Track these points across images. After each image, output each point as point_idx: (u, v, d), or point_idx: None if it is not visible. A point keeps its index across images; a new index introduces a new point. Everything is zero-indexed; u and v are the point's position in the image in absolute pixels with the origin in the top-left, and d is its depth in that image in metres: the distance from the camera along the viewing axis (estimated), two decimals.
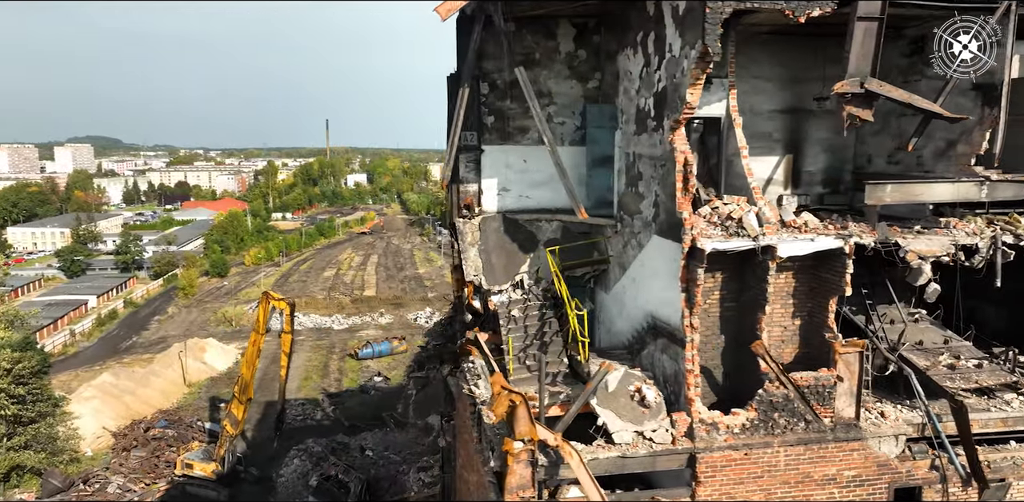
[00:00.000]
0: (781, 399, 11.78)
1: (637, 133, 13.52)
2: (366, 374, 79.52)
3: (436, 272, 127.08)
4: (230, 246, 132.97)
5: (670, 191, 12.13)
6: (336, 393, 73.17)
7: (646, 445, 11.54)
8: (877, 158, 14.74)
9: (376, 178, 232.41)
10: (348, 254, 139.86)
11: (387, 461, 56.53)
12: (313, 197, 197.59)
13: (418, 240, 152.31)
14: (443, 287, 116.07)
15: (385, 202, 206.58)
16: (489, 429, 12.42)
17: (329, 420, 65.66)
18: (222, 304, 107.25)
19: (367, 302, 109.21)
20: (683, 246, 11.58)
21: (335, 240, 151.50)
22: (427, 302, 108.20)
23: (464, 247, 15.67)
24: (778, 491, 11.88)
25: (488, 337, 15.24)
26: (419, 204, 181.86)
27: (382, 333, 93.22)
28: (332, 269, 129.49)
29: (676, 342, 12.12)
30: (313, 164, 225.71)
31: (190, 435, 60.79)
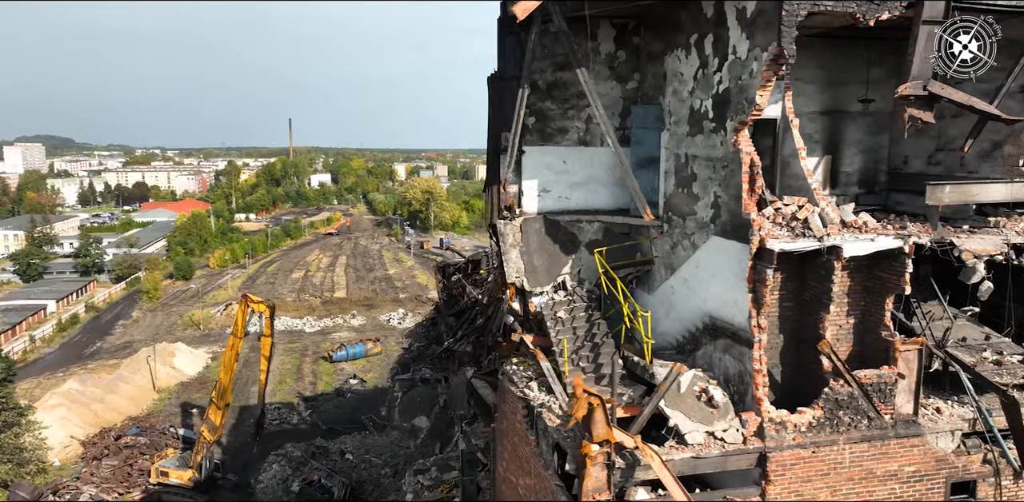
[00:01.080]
0: (846, 397, 11.94)
1: (691, 134, 13.58)
2: (341, 377, 78.74)
3: (406, 273, 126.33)
4: (194, 248, 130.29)
5: (734, 192, 12.21)
6: (312, 396, 72.29)
7: (718, 445, 11.59)
8: (915, 159, 15.06)
9: (341, 178, 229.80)
10: (316, 255, 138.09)
11: (368, 464, 56.05)
12: (277, 198, 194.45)
13: (386, 241, 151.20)
14: (414, 288, 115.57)
15: (351, 202, 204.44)
16: (555, 432, 12.34)
17: (306, 424, 64.92)
18: (188, 307, 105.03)
19: (338, 304, 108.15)
20: (751, 247, 11.66)
21: (302, 241, 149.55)
22: (399, 303, 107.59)
23: (506, 249, 15.54)
24: (843, 488, 12.05)
25: (533, 339, 15.14)
26: (385, 204, 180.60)
27: (355, 335, 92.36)
28: (300, 271, 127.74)
29: (741, 342, 12.20)
30: (276, 164, 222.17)
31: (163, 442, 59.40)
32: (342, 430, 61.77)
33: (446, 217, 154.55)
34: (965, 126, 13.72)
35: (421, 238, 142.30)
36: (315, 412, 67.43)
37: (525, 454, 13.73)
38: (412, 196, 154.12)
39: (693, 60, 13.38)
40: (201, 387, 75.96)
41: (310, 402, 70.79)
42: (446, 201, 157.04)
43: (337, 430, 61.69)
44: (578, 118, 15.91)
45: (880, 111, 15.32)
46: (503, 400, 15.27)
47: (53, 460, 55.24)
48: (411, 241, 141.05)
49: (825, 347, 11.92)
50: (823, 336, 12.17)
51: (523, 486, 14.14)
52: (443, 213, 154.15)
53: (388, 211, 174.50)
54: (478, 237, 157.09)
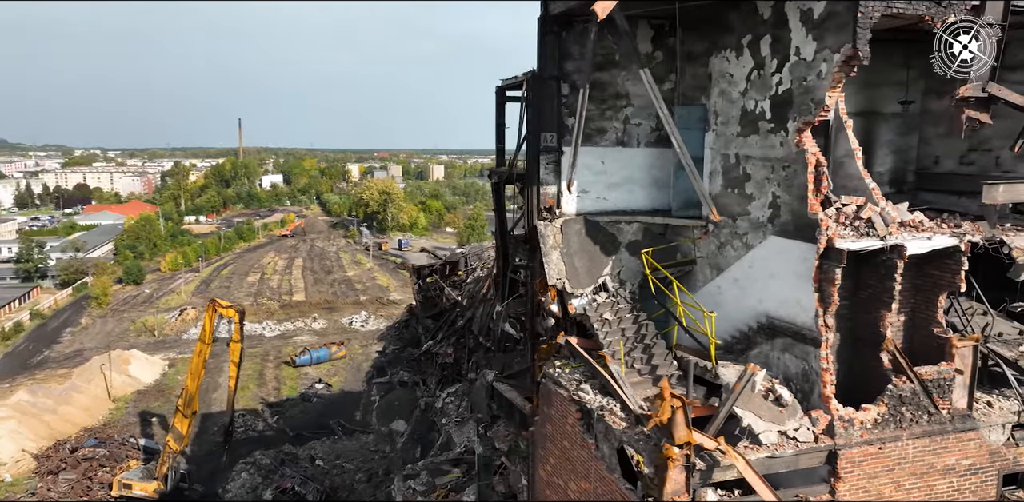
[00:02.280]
0: (909, 393, 12.15)
1: (743, 135, 13.63)
2: (306, 381, 77.27)
3: (366, 275, 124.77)
4: (144, 252, 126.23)
5: (798, 193, 12.29)
6: (276, 402, 70.79)
7: (791, 444, 11.65)
8: (946, 160, 15.44)
9: (293, 179, 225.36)
10: (271, 258, 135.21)
11: (341, 470, 55.15)
12: (228, 199, 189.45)
13: (343, 242, 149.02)
14: (375, 290, 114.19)
15: (304, 204, 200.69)
16: (622, 435, 12.21)
17: (272, 430, 63.55)
18: (141, 313, 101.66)
19: (297, 307, 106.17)
20: (818, 246, 11.76)
21: (256, 243, 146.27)
22: (360, 306, 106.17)
23: (547, 251, 15.36)
24: (906, 483, 12.26)
25: (578, 341, 15.00)
26: (340, 205, 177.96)
27: (318, 339, 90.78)
28: (256, 274, 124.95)
29: (805, 341, 12.30)
30: (225, 164, 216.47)
31: (124, 453, 57.30)
32: (310, 436, 60.64)
33: (404, 218, 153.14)
34: (1000, 127, 14.10)
35: (379, 239, 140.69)
36: (281, 418, 66.07)
37: (581, 457, 13.58)
38: (369, 197, 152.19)
39: (746, 61, 13.44)
40: (160, 395, 73.63)
41: (275, 408, 69.32)
42: (403, 202, 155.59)
43: (305, 436, 60.53)
44: (616, 119, 15.85)
45: (909, 113, 15.65)
46: (548, 403, 15.08)
47: (4, 476, 52.80)
48: (369, 242, 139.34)
49: (889, 345, 12.11)
50: (882, 334, 12.35)
51: (576, 490, 13.98)
52: (400, 214, 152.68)
53: (343, 212, 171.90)
54: (436, 238, 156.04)
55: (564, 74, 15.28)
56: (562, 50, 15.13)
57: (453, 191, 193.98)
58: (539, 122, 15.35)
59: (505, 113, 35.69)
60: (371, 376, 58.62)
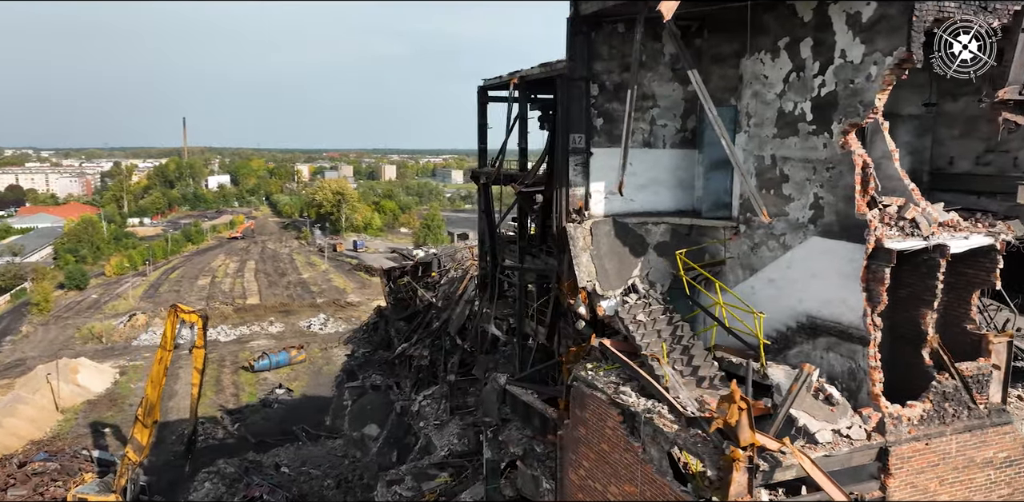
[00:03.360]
0: (952, 389, 12.43)
1: (780, 136, 13.75)
2: (265, 387, 75.52)
3: (321, 277, 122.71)
4: (86, 256, 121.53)
5: (844, 193, 12.45)
6: (236, 409, 69.02)
7: (845, 442, 11.78)
8: (962, 160, 15.87)
9: (241, 179, 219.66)
10: (222, 260, 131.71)
11: (308, 477, 54.08)
12: (173, 200, 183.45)
13: (296, 244, 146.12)
14: (332, 292, 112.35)
15: (253, 205, 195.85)
16: (675, 437, 12.16)
17: (233, 438, 61.94)
18: (86, 320, 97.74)
19: (252, 311, 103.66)
20: (866, 247, 11.93)
21: (205, 246, 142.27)
22: (318, 308, 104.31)
23: (576, 252, 15.23)
24: (949, 477, 12.55)
25: (613, 343, 14.91)
26: (291, 206, 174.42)
27: (275, 343, 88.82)
28: (206, 277, 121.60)
29: (852, 340, 12.47)
30: (169, 165, 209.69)
31: (77, 466, 54.98)
32: (274, 442, 59.30)
33: (358, 219, 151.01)
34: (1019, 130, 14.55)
35: (333, 240, 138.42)
36: (242, 425, 64.40)
37: (624, 461, 13.49)
38: (321, 197, 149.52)
39: (783, 63, 13.55)
40: (112, 405, 70.94)
41: (235, 415, 67.57)
42: (357, 202, 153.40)
43: (268, 443, 59.17)
44: (642, 120, 15.83)
45: (924, 114, 16.03)
46: (581, 407, 14.95)
47: None
48: (323, 244, 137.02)
49: (934, 342, 12.37)
50: (923, 331, 12.62)
51: (617, 493, 13.88)
52: (354, 215, 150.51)
53: (294, 213, 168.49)
54: (392, 239, 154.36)
55: (593, 75, 15.20)
56: (591, 51, 15.03)
57: (407, 191, 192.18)
58: (567, 123, 15.20)
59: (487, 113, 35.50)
60: (341, 380, 57.67)
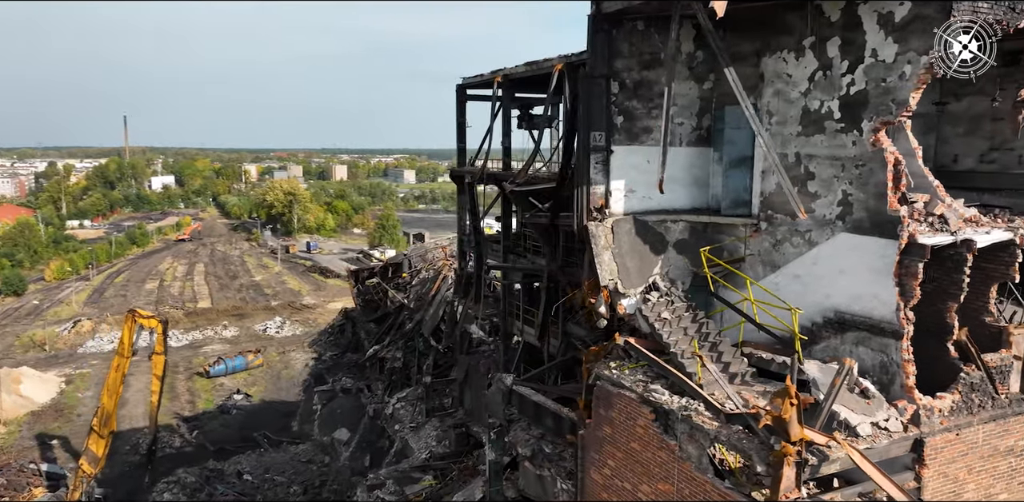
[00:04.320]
0: (978, 381, 12.79)
1: (805, 134, 13.92)
2: (222, 393, 73.61)
3: (274, 279, 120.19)
4: (23, 260, 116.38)
5: (875, 190, 12.67)
6: (192, 416, 67.11)
7: (884, 435, 11.99)
8: (965, 158, 16.37)
9: (186, 180, 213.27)
10: (169, 263, 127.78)
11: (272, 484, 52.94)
12: (115, 202, 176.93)
13: (246, 246, 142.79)
14: (286, 294, 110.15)
15: (200, 206, 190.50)
16: (718, 434, 12.18)
17: (191, 446, 60.24)
18: (26, 327, 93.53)
19: (204, 315, 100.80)
20: (899, 242, 12.18)
21: (151, 249, 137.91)
22: (272, 311, 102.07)
23: (598, 251, 15.16)
24: (976, 465, 12.90)
25: (638, 341, 14.88)
26: (240, 207, 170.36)
27: (230, 347, 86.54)
28: (154, 281, 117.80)
29: (884, 334, 12.70)
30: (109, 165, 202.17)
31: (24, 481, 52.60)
32: (234, 450, 57.82)
33: (310, 219, 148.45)
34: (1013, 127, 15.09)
35: (286, 242, 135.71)
36: (200, 433, 62.64)
37: (659, 459, 13.47)
38: (272, 198, 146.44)
39: (808, 62, 13.72)
40: (58, 415, 68.11)
41: (191, 422, 65.65)
42: (309, 203, 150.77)
43: (229, 450, 57.68)
44: (660, 118, 15.81)
45: (928, 113, 16.49)
46: (606, 406, 14.88)
47: None
48: (275, 245, 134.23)
49: (963, 336, 12.70)
50: (950, 324, 12.94)
51: (650, 492, 13.86)
52: (307, 215, 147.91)
53: (244, 214, 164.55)
54: (345, 240, 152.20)
55: (614, 72, 15.14)
56: (612, 48, 14.98)
57: (359, 191, 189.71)
58: (588, 121, 15.12)
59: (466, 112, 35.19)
60: (309, 384, 56.56)
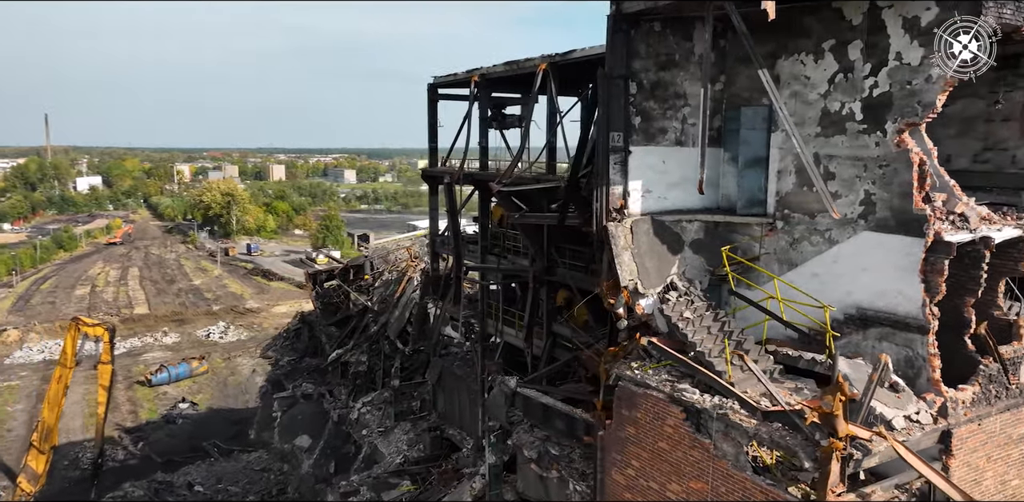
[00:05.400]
0: (996, 372, 13.31)
1: (824, 135, 14.21)
2: (166, 402, 71.13)
3: (215, 283, 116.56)
4: None
5: (899, 190, 13.04)
6: (135, 427, 64.66)
7: (917, 427, 12.34)
8: (959, 158, 17.01)
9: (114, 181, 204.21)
10: (100, 268, 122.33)
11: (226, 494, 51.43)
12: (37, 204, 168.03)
13: (182, 248, 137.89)
14: (228, 299, 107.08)
15: (131, 208, 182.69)
16: (757, 432, 12.31)
17: (136, 458, 58.04)
18: None
19: (142, 321, 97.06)
20: (926, 240, 12.57)
21: (79, 253, 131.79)
22: (215, 316, 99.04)
23: (618, 251, 15.15)
24: (993, 453, 13.43)
25: (661, 341, 14.93)
26: (174, 209, 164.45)
27: (172, 354, 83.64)
28: (85, 286, 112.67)
29: (909, 329, 13.10)
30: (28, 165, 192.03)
31: None
32: (183, 460, 55.93)
33: (249, 221, 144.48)
34: (1015, 128, 15.83)
35: (225, 244, 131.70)
36: (145, 444, 60.33)
37: (691, 458, 13.54)
38: (209, 199, 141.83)
39: (827, 64, 14.02)
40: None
41: (135, 434, 63.22)
42: (248, 204, 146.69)
43: (177, 461, 55.75)
44: (675, 118, 15.96)
45: None
46: (630, 406, 14.88)
47: None
48: (213, 248, 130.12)
49: (981, 329, 13.19)
50: (967, 319, 13.43)
51: (680, 491, 13.92)
52: (246, 217, 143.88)
53: (178, 216, 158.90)
54: (287, 241, 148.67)
55: (632, 73, 15.15)
56: (630, 49, 14.99)
57: (299, 192, 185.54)
58: (608, 121, 15.09)
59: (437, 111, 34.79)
60: (266, 390, 54.94)
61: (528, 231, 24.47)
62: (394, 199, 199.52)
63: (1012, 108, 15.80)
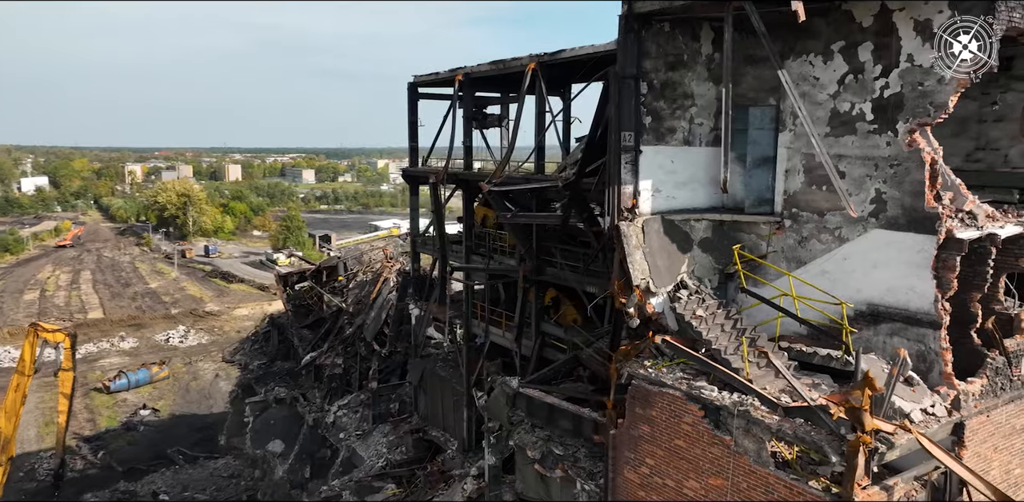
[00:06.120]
0: (1001, 365, 13.74)
1: (834, 135, 14.47)
2: (125, 409, 69.32)
3: (172, 285, 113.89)
4: None
5: (911, 188, 13.35)
6: (94, 435, 62.93)
7: (933, 420, 12.66)
8: (952, 157, 17.45)
9: (62, 181, 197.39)
10: (50, 272, 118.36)
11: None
12: None
13: (137, 251, 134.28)
14: (187, 302, 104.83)
15: (80, 209, 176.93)
16: (780, 428, 12.47)
17: (96, 468, 56.52)
18: None
19: (96, 326, 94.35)
20: (938, 237, 12.91)
21: (26, 256, 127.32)
22: (173, 320, 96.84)
23: (630, 251, 15.21)
24: (999, 444, 13.87)
25: (674, 339, 15.03)
26: (127, 210, 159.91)
27: (131, 360, 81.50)
28: (34, 291, 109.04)
29: (921, 325, 13.43)
30: None
31: None
32: (146, 469, 54.68)
33: (206, 222, 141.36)
34: (1007, 129, 16.38)
35: (182, 246, 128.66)
36: (106, 453, 58.71)
37: (710, 455, 13.65)
38: (164, 200, 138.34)
39: (836, 66, 14.28)
40: None
41: (94, 442, 61.51)
42: (205, 204, 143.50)
43: (140, 469, 54.45)
44: (683, 118, 16.09)
45: None
46: (644, 404, 14.95)
47: None
48: (170, 250, 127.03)
49: (990, 324, 13.60)
50: (974, 313, 13.85)
51: (697, 488, 14.04)
52: (203, 218, 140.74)
53: (131, 217, 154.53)
54: (246, 243, 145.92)
55: (643, 73, 15.22)
56: (641, 49, 15.06)
57: (257, 192, 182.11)
58: (619, 121, 15.14)
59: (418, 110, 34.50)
60: (236, 395, 53.77)
61: (518, 231, 24.42)
62: (355, 199, 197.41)
63: (1005, 109, 16.35)
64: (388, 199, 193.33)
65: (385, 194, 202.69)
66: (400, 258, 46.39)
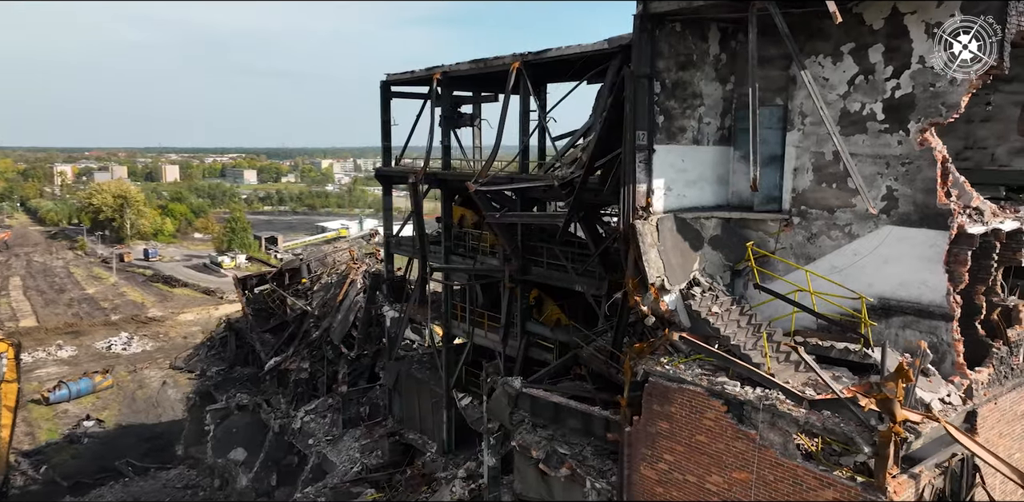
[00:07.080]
0: (1005, 354, 14.35)
1: (844, 134, 14.83)
2: (67, 420, 66.41)
3: (111, 291, 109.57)
4: None
5: (923, 186, 13.81)
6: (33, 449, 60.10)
7: (950, 409, 13.12)
8: None
9: None
10: None
11: None
12: None
13: (70, 255, 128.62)
14: (128, 307, 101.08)
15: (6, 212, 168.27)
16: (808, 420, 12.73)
17: (38, 483, 54.01)
18: None
19: (30, 334, 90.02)
20: (950, 233, 13.39)
21: None
22: (115, 326, 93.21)
23: (645, 249, 15.30)
24: (1004, 430, 14.48)
25: (691, 336, 15.18)
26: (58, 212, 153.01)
27: (70, 369, 78.09)
28: None
29: (932, 317, 13.91)
30: None
31: None
32: (93, 483, 52.47)
33: (145, 224, 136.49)
34: (994, 129, 17.13)
35: (119, 250, 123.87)
36: (48, 467, 56.10)
37: (734, 449, 13.83)
38: (100, 201, 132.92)
39: (847, 66, 14.66)
40: None
41: (35, 457, 58.69)
42: (143, 206, 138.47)
43: (86, 484, 52.24)
44: (692, 118, 16.27)
45: None
46: (662, 401, 15.05)
47: None
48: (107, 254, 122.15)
49: (995, 315, 14.17)
50: (979, 305, 14.42)
51: (720, 482, 14.21)
52: (141, 220, 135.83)
53: (63, 220, 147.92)
54: (187, 245, 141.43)
55: (656, 72, 15.33)
56: (654, 48, 15.17)
57: (197, 193, 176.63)
58: (634, 120, 15.21)
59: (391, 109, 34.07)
60: (194, 403, 52.06)
61: (503, 230, 24.32)
62: (299, 200, 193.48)
63: (993, 110, 17.09)
64: (334, 200, 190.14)
65: (331, 195, 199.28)
66: (366, 259, 45.66)
